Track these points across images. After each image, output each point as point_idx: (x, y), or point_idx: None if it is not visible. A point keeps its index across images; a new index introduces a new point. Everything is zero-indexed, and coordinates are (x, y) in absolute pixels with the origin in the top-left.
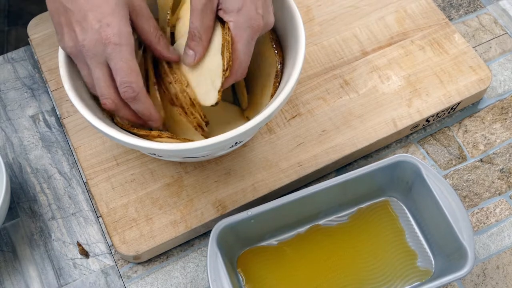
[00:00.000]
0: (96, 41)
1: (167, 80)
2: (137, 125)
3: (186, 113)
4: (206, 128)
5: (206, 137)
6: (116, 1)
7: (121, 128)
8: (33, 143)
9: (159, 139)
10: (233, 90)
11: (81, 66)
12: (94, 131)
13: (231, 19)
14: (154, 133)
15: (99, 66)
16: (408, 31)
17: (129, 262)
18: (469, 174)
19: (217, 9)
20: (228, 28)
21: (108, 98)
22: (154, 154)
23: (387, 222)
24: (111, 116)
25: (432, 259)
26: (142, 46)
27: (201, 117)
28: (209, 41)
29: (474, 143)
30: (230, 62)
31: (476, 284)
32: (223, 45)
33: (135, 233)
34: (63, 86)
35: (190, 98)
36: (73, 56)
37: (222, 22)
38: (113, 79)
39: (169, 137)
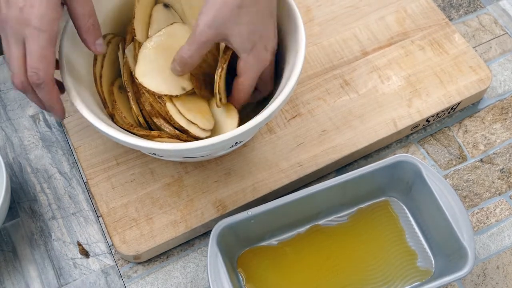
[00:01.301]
0: (17, 19)
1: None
2: (136, 124)
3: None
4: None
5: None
6: None
7: (121, 128)
8: (33, 143)
9: (159, 139)
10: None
11: (3, 39)
12: (94, 131)
13: (241, 60)
14: (154, 133)
15: (16, 45)
16: (408, 31)
17: (129, 262)
18: (469, 174)
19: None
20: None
21: (18, 78)
22: (155, 154)
23: (387, 222)
24: (111, 116)
25: (432, 259)
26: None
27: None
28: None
29: (474, 143)
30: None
31: (476, 284)
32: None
33: (135, 233)
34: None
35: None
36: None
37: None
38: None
39: (169, 137)
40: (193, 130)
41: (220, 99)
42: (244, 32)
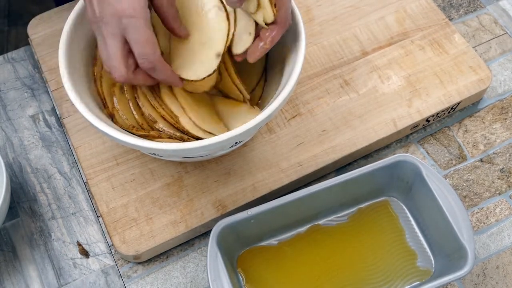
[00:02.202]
0: (112, 14)
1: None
2: (137, 126)
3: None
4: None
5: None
6: None
7: (121, 128)
8: (33, 143)
9: (159, 139)
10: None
11: (99, 38)
12: (94, 131)
13: None
14: (154, 133)
15: (113, 40)
16: (408, 31)
17: (129, 261)
18: (469, 174)
19: None
20: None
21: (118, 72)
22: (154, 154)
23: (387, 222)
24: (111, 116)
25: (432, 259)
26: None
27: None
28: None
29: (474, 143)
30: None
31: (476, 284)
32: None
33: (135, 232)
34: (63, 86)
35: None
36: (93, 29)
37: None
38: (126, 52)
39: (169, 137)
40: (207, 137)
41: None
42: None
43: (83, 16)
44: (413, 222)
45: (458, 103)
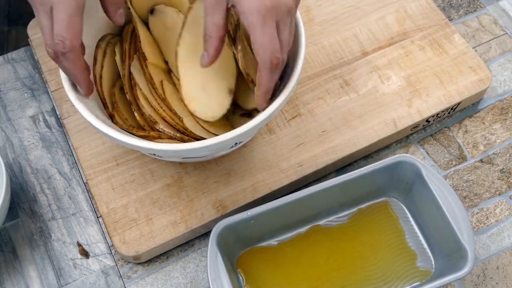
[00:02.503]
0: None
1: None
2: (137, 126)
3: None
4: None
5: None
6: None
7: (121, 128)
8: (33, 143)
9: (159, 139)
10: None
11: (34, 11)
12: (94, 132)
13: (239, 3)
14: (154, 133)
15: (44, 14)
16: (408, 31)
17: (129, 262)
18: (469, 175)
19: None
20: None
21: (50, 47)
22: (154, 154)
23: (387, 222)
24: (111, 117)
25: (432, 259)
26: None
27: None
28: (222, 40)
29: (474, 143)
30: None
31: (476, 284)
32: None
33: (135, 233)
34: (63, 87)
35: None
36: (31, 4)
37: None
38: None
39: (169, 138)
40: (210, 137)
41: (252, 81)
42: None
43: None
44: (413, 222)
45: (458, 104)
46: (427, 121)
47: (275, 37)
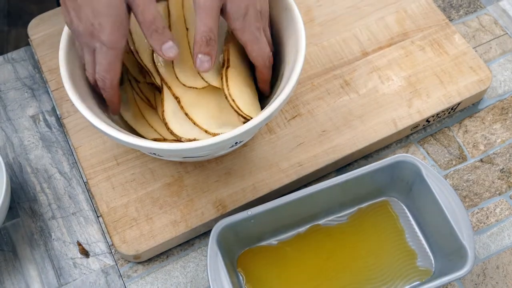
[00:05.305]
0: (88, 33)
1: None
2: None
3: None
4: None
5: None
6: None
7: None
8: (33, 143)
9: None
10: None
11: (77, 44)
12: (94, 131)
13: (238, 27)
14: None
15: (88, 52)
16: (408, 31)
17: (129, 261)
18: (469, 174)
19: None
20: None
21: (90, 75)
22: (154, 153)
23: (387, 222)
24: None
25: (432, 259)
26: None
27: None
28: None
29: (474, 143)
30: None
31: (476, 284)
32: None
33: (135, 232)
34: (63, 86)
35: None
36: (71, 32)
37: None
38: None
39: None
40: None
41: (233, 100)
42: None
43: None
44: (413, 222)
45: (458, 104)
46: (427, 121)
47: (266, 42)
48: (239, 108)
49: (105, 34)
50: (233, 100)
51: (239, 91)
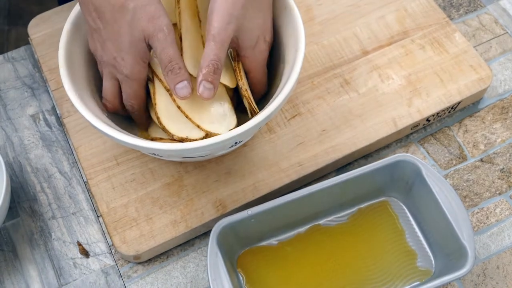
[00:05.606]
0: (112, 65)
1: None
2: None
3: None
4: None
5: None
6: (131, 37)
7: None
8: (33, 142)
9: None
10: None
11: (100, 70)
12: (94, 131)
13: (247, 55)
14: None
15: (110, 80)
16: (409, 30)
17: (129, 261)
18: (469, 174)
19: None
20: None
21: (110, 104)
22: (154, 154)
23: (387, 222)
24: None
25: (432, 259)
26: None
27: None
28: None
29: (474, 142)
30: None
31: (476, 284)
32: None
33: (135, 232)
34: (63, 86)
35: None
36: (95, 58)
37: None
38: (119, 92)
39: (169, 138)
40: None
41: (253, 111)
42: (253, 27)
43: (83, 16)
44: (413, 222)
45: (459, 103)
46: (427, 120)
47: (266, 72)
48: (250, 99)
49: (127, 68)
50: (246, 90)
51: (247, 84)
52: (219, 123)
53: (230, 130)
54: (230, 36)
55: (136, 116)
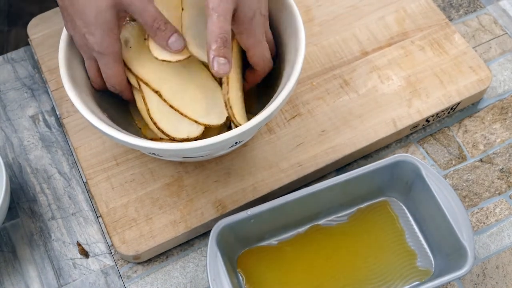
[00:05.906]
0: (84, 44)
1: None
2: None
3: None
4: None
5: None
6: (97, 8)
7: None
8: (33, 143)
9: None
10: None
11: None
12: (94, 131)
13: (244, 30)
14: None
15: (89, 60)
16: (408, 31)
17: (129, 262)
18: (469, 174)
19: None
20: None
21: (95, 83)
22: (154, 154)
23: (387, 222)
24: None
25: (432, 259)
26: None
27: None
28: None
29: (474, 143)
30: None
31: (476, 284)
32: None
33: (135, 233)
34: (63, 86)
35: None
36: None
37: None
38: (99, 70)
39: (169, 138)
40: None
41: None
42: None
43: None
44: (413, 222)
45: (458, 103)
46: (427, 121)
47: (267, 47)
48: (234, 116)
49: (97, 43)
50: (231, 107)
51: (235, 97)
52: (214, 114)
53: (226, 117)
54: (230, 7)
55: (122, 94)
